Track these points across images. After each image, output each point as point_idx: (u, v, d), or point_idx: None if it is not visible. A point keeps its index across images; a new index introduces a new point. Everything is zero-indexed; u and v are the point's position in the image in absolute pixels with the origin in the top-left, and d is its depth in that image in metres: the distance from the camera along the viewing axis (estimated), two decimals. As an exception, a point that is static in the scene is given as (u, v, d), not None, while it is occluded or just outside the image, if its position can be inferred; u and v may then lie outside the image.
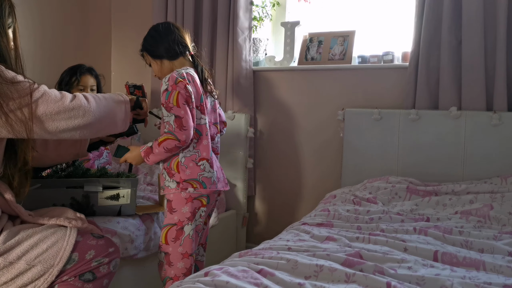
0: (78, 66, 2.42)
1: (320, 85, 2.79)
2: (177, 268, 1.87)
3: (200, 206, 1.89)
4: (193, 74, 1.89)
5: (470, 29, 2.29)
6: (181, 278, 1.84)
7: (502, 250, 1.50)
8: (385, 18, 2.80)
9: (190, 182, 1.86)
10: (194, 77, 1.88)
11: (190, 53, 1.97)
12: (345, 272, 1.27)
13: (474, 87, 2.31)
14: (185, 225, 1.87)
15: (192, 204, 1.87)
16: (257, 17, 2.99)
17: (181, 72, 1.85)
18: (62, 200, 1.93)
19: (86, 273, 1.47)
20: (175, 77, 1.82)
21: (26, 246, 1.39)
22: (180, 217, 1.87)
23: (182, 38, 1.96)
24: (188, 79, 1.84)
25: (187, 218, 1.87)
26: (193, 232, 1.87)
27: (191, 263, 1.88)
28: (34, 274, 1.39)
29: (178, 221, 1.87)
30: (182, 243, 1.86)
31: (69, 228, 1.49)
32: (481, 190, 2.11)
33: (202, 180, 1.87)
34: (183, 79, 1.82)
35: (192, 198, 1.87)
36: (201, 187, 1.87)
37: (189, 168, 1.86)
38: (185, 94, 1.81)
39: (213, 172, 1.90)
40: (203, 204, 1.89)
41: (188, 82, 1.83)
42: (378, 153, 2.52)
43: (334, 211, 2.02)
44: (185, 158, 1.87)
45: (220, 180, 1.96)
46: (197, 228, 1.90)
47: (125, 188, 2.00)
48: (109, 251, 1.53)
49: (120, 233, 1.97)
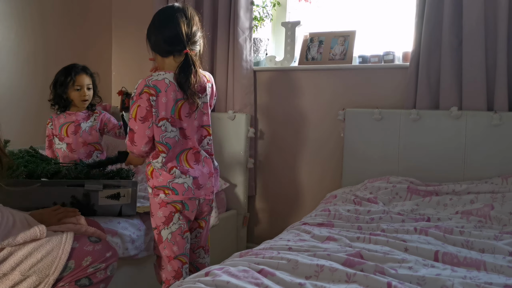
0: (72, 66, 2.40)
1: (320, 85, 2.79)
2: (167, 271, 1.88)
3: (174, 212, 1.84)
4: (168, 82, 1.78)
5: (471, 29, 2.29)
6: (172, 281, 1.85)
7: (503, 250, 1.50)
8: (385, 18, 2.80)
9: (161, 189, 1.83)
10: (168, 86, 1.77)
11: (185, 51, 1.80)
12: (346, 272, 1.27)
13: (475, 87, 2.31)
14: (162, 230, 1.86)
15: (166, 208, 1.84)
16: (258, 17, 2.99)
17: (153, 79, 1.77)
18: (62, 199, 1.93)
19: (82, 279, 1.45)
20: (142, 86, 1.76)
21: (20, 256, 1.37)
22: (157, 222, 1.87)
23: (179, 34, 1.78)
24: (158, 89, 1.76)
25: (163, 222, 1.85)
26: (171, 236, 1.84)
27: (178, 266, 1.86)
28: (29, 285, 1.37)
29: (156, 225, 1.88)
30: (165, 247, 1.86)
31: (65, 233, 1.47)
32: (481, 190, 2.10)
33: (173, 187, 1.82)
34: (148, 91, 1.75)
35: (165, 203, 1.84)
36: (173, 193, 1.82)
37: (162, 176, 1.83)
38: (145, 108, 1.75)
39: (187, 178, 1.82)
40: (177, 209, 1.84)
41: (157, 93, 1.75)
42: (378, 153, 2.52)
43: (334, 211, 2.02)
44: (161, 165, 1.83)
45: (202, 187, 1.87)
46: (178, 232, 1.85)
47: (126, 188, 2.01)
48: (106, 256, 1.51)
49: (121, 233, 1.97)
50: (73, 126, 2.42)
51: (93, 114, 2.49)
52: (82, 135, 2.43)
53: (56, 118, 2.45)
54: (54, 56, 3.07)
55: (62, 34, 3.13)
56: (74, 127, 2.42)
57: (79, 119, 2.44)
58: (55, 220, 1.57)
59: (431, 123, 2.40)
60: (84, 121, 2.44)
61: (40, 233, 1.40)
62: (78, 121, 2.43)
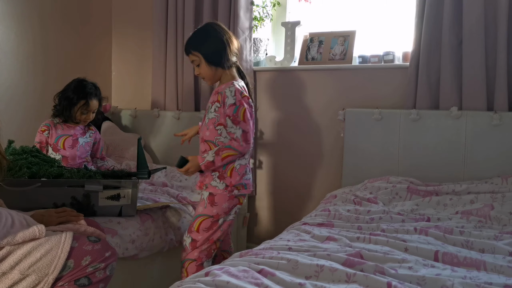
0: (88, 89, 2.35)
1: (320, 85, 2.79)
2: (201, 251, 2.01)
3: (238, 204, 2.05)
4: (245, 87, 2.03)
5: (471, 29, 2.29)
6: (204, 259, 2.02)
7: (503, 250, 1.50)
8: (385, 18, 2.80)
9: (237, 186, 2.01)
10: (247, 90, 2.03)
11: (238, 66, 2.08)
12: (346, 272, 1.27)
13: (474, 87, 2.31)
14: (220, 218, 2.02)
15: (232, 201, 2.02)
16: (258, 17, 2.99)
17: (241, 85, 2.00)
18: (62, 199, 1.93)
19: (81, 278, 1.45)
20: (240, 90, 1.96)
21: (19, 255, 1.36)
22: (219, 211, 2.01)
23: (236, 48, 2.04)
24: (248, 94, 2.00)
25: (225, 212, 2.01)
26: (225, 224, 2.03)
27: (214, 249, 2.04)
28: (29, 284, 1.37)
29: (216, 214, 2.01)
30: (214, 232, 2.01)
31: (64, 233, 1.46)
32: (481, 190, 2.10)
33: (245, 183, 2.04)
34: (246, 94, 1.98)
35: (234, 196, 2.02)
36: (243, 188, 2.03)
37: (240, 175, 2.01)
38: (250, 109, 1.98)
39: (249, 174, 2.08)
40: (240, 202, 2.06)
41: (249, 96, 2.00)
42: (378, 153, 2.52)
43: (334, 211, 2.02)
44: (240, 165, 2.02)
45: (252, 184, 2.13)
46: (231, 222, 2.07)
47: (126, 188, 2.00)
48: (105, 255, 1.51)
49: (121, 233, 1.97)
50: (71, 140, 2.42)
51: (88, 129, 2.50)
52: (79, 150, 2.44)
53: (53, 127, 2.43)
54: (54, 56, 3.07)
55: (62, 34, 3.13)
56: (72, 141, 2.42)
57: (77, 133, 2.44)
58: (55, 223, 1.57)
59: (431, 123, 2.40)
60: (82, 136, 2.46)
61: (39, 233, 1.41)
62: (76, 136, 2.43)
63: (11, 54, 2.83)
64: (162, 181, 2.70)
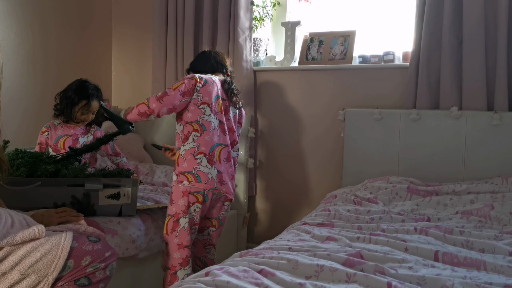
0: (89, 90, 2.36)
1: (320, 85, 2.79)
2: (174, 259, 1.96)
3: (195, 202, 1.96)
4: (216, 81, 2.07)
5: (471, 29, 2.29)
6: (177, 267, 1.96)
7: (503, 250, 1.50)
8: (385, 18, 2.80)
9: (185, 174, 1.95)
10: (216, 83, 2.06)
11: (227, 73, 2.20)
12: (346, 272, 1.27)
13: (475, 87, 2.31)
14: (181, 218, 1.96)
15: (187, 198, 1.95)
16: (258, 17, 2.99)
17: (202, 75, 2.04)
18: (62, 199, 1.93)
19: (81, 279, 1.44)
20: (194, 74, 2.03)
21: (19, 255, 1.36)
22: (177, 209, 1.97)
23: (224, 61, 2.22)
24: (206, 80, 2.02)
25: (182, 211, 1.96)
26: (187, 225, 1.95)
27: (187, 254, 1.97)
28: (28, 284, 1.37)
29: (175, 213, 1.97)
30: (178, 235, 1.96)
31: (64, 233, 1.46)
32: (482, 190, 2.10)
33: (197, 174, 1.95)
34: (197, 78, 2.00)
35: (188, 192, 1.95)
36: (196, 181, 1.94)
37: (187, 161, 1.97)
38: (188, 87, 1.98)
39: (212, 169, 1.97)
40: (198, 200, 1.96)
41: (204, 83, 2.01)
42: (378, 153, 2.52)
43: (334, 211, 2.02)
44: (185, 151, 1.99)
45: (223, 182, 2.01)
46: (190, 222, 1.96)
47: (126, 187, 2.00)
48: (105, 255, 1.50)
49: (121, 233, 1.97)
50: (71, 140, 2.41)
51: (90, 129, 2.49)
52: None
53: (53, 128, 2.42)
54: (54, 56, 3.07)
55: (62, 34, 3.13)
56: (72, 141, 2.41)
57: (77, 133, 2.43)
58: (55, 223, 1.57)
59: (431, 123, 2.40)
60: (82, 136, 2.44)
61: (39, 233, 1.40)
62: (76, 136, 2.42)
63: (11, 54, 2.83)
64: (162, 181, 2.70)
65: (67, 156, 2.09)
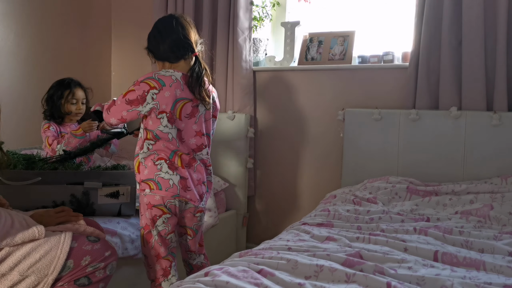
0: (70, 80, 2.41)
1: (320, 85, 2.79)
2: (155, 270, 1.87)
3: (161, 214, 1.83)
4: (176, 79, 1.81)
5: (471, 29, 2.29)
6: (161, 279, 1.86)
7: (502, 250, 1.50)
8: (385, 18, 2.80)
9: (147, 182, 1.81)
10: (174, 82, 1.80)
11: (194, 54, 1.87)
12: (345, 272, 1.27)
13: (474, 87, 2.31)
14: (152, 229, 1.85)
15: (151, 211, 1.83)
16: (257, 17, 2.99)
17: (161, 74, 1.81)
18: (61, 197, 1.93)
19: (81, 278, 1.44)
20: (146, 77, 1.81)
21: (18, 256, 1.36)
22: (146, 221, 1.86)
23: (186, 37, 1.85)
24: (163, 82, 1.79)
25: (150, 224, 1.85)
26: (157, 237, 1.84)
27: (166, 265, 1.86)
28: (28, 285, 1.37)
29: (145, 224, 1.86)
30: (153, 246, 1.85)
31: (64, 233, 1.46)
32: (481, 190, 2.11)
33: (158, 181, 1.80)
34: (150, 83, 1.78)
35: (152, 205, 1.82)
36: (157, 188, 1.80)
37: (148, 168, 1.82)
38: (137, 96, 1.79)
39: (173, 175, 1.81)
40: (164, 211, 1.82)
41: (160, 86, 1.78)
42: (378, 153, 2.52)
43: (334, 211, 2.02)
44: (144, 159, 1.84)
45: (188, 189, 1.84)
46: (163, 233, 1.84)
47: (125, 186, 2.00)
48: (105, 255, 1.50)
49: (120, 233, 1.97)
50: None
51: None
52: None
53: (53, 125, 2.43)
54: (54, 56, 3.07)
55: (62, 34, 3.13)
56: None
57: None
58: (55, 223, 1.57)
59: (430, 123, 2.40)
60: None
61: (39, 234, 1.41)
62: None
63: (11, 54, 2.83)
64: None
65: (61, 159, 2.08)
